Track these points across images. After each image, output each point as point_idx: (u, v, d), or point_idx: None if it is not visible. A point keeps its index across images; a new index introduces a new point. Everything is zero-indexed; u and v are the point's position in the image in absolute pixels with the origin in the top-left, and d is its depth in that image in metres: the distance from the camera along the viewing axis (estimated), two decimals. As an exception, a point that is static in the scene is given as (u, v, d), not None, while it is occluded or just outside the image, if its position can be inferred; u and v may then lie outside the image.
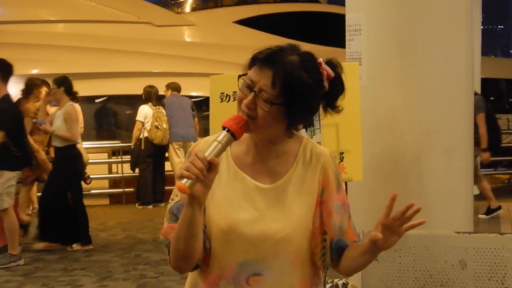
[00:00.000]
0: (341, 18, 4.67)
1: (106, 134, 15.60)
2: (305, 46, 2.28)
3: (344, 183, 2.33)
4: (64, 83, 8.84)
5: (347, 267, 2.30)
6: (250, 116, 2.10)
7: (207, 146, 2.11)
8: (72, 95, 8.91)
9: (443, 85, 4.39)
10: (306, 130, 4.02)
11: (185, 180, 1.96)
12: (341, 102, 2.26)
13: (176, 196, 2.22)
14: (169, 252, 2.19)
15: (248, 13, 18.23)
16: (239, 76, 2.15)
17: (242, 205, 2.19)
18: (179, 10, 19.02)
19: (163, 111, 11.35)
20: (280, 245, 2.18)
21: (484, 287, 3.71)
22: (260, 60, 2.12)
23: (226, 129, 2.06)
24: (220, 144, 2.04)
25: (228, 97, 4.35)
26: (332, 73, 2.18)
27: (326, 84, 2.16)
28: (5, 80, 8.08)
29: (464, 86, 4.47)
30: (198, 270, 2.28)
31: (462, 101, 4.45)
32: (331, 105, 2.23)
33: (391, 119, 4.35)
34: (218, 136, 2.07)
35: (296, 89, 2.08)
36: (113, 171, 12.99)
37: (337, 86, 2.21)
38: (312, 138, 4.02)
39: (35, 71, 15.10)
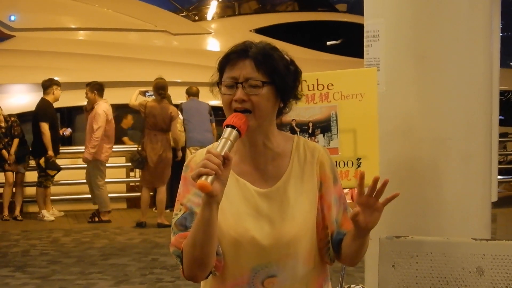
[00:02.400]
0: (360, 28, 4.63)
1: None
2: (324, 56, 2.37)
3: (339, 175, 2.38)
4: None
5: (346, 255, 2.32)
6: (246, 110, 2.13)
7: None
8: None
9: (460, 92, 4.36)
10: (324, 136, 4.01)
11: (204, 177, 1.94)
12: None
13: (180, 211, 2.22)
14: (181, 262, 2.17)
15: (266, 22, 18.24)
16: (217, 84, 2.25)
17: (249, 212, 2.21)
18: (197, 18, 19.05)
19: (180, 116, 11.34)
20: (291, 246, 2.20)
21: (502, 294, 3.67)
22: (235, 55, 2.20)
23: (230, 126, 2.07)
24: (229, 141, 2.05)
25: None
26: (287, 58, 2.27)
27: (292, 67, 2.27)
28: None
29: (482, 94, 4.43)
30: (210, 280, 2.28)
31: (479, 108, 4.41)
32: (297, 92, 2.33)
33: (408, 125, 4.33)
34: (224, 134, 2.07)
35: (276, 66, 2.17)
36: (130, 175, 12.99)
37: (299, 74, 2.32)
38: (329, 144, 4.02)
39: (56, 79, 15.18)
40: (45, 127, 10.83)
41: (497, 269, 3.71)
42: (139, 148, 10.63)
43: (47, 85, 11.17)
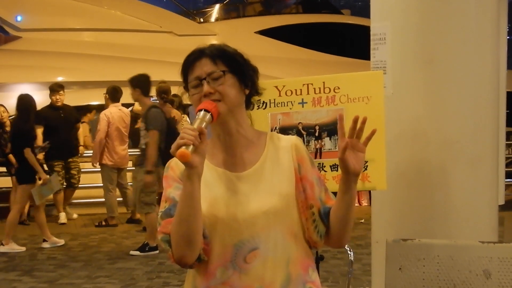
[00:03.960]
0: (364, 30, 4.65)
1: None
2: (327, 57, 2.46)
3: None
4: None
5: (335, 226, 2.41)
6: (216, 99, 2.28)
7: (178, 167, 2.33)
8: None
9: (467, 95, 4.36)
10: (330, 139, 4.03)
11: (185, 147, 2.07)
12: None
13: (165, 204, 2.31)
14: (170, 246, 2.23)
15: (270, 23, 18.25)
16: (184, 88, 2.42)
17: (228, 194, 2.31)
18: (201, 20, 19.07)
19: (188, 119, 11.35)
20: (270, 217, 2.29)
21: (509, 297, 3.68)
22: (193, 57, 2.40)
23: (203, 110, 2.21)
24: (204, 121, 2.18)
25: (264, 104, 4.33)
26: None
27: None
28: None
29: (490, 98, 4.44)
30: (195, 269, 2.35)
31: (487, 111, 4.42)
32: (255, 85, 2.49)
33: (415, 128, 4.34)
34: (197, 116, 2.20)
35: (233, 57, 2.39)
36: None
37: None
38: (335, 147, 4.04)
39: (60, 79, 15.22)
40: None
41: (505, 272, 3.72)
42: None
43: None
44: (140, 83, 8.83)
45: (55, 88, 11.05)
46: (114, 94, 10.94)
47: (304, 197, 2.37)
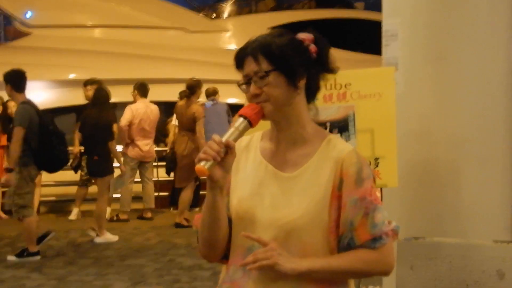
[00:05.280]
0: (377, 25, 4.62)
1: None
2: (340, 53, 2.37)
3: (371, 178, 2.22)
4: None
5: None
6: (264, 100, 2.18)
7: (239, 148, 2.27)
8: None
9: (479, 93, 4.34)
10: (341, 136, 4.01)
11: (203, 162, 2.05)
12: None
13: None
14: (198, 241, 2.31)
15: (283, 19, 18.22)
16: (239, 86, 2.27)
17: (260, 192, 2.24)
18: (214, 15, 19.08)
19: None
20: (287, 231, 2.17)
21: (522, 298, 3.65)
22: (239, 55, 2.27)
23: (242, 116, 2.16)
24: (237, 131, 2.15)
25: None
26: (310, 36, 2.28)
27: (312, 46, 2.26)
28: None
29: (502, 95, 4.41)
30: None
31: (499, 110, 4.39)
32: (324, 66, 2.29)
33: (426, 126, 4.32)
34: (235, 123, 2.17)
35: (276, 52, 2.19)
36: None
37: (322, 46, 2.28)
38: (346, 144, 4.01)
39: (72, 76, 15.27)
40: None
41: (518, 272, 3.69)
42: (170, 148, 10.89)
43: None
44: (12, 78, 8.60)
45: (88, 84, 11.15)
46: (142, 89, 11.08)
47: (337, 216, 2.17)
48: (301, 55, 2.21)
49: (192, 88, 10.66)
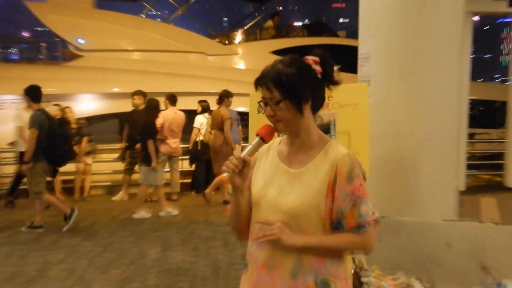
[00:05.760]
0: (354, 49, 4.62)
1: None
2: None
3: (361, 177, 2.19)
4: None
5: None
6: (276, 120, 2.21)
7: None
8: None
9: (437, 102, 4.34)
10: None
11: (225, 174, 2.18)
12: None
13: None
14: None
15: (282, 45, 18.22)
16: (258, 103, 2.30)
17: (272, 183, 2.27)
18: (226, 42, 19.08)
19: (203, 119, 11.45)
20: (290, 215, 2.18)
21: (465, 266, 3.66)
22: (256, 84, 2.24)
23: (257, 136, 2.25)
24: (253, 147, 2.25)
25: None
26: (317, 59, 2.22)
27: (317, 67, 2.22)
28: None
29: (454, 105, 4.41)
30: None
31: (452, 117, 4.40)
32: (329, 80, 2.26)
33: (394, 128, 4.31)
34: (252, 141, 2.26)
35: (285, 83, 2.15)
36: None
37: (326, 65, 2.24)
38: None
39: (115, 90, 15.31)
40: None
41: (462, 244, 3.70)
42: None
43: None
44: (30, 92, 8.65)
45: (135, 95, 11.18)
46: (171, 100, 11.07)
47: (331, 205, 2.15)
48: (308, 80, 2.19)
49: (221, 98, 10.81)
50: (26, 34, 66.31)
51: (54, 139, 8.46)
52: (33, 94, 8.59)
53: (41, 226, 8.66)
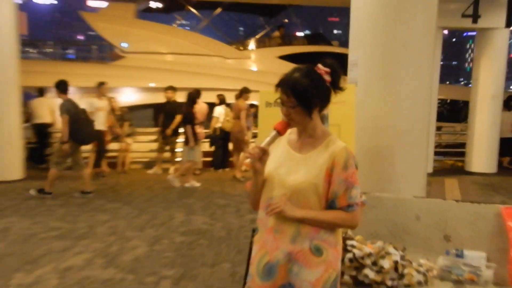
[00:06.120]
0: (345, 56, 4.58)
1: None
2: None
3: (354, 166, 2.21)
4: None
5: None
6: (290, 119, 2.22)
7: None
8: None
9: (411, 100, 4.31)
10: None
11: (248, 160, 2.22)
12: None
13: None
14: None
15: (287, 51, 18.21)
16: (276, 100, 2.30)
17: (282, 164, 2.26)
18: (241, 48, 19.03)
19: (231, 111, 11.37)
20: (292, 190, 2.19)
21: (431, 234, 3.64)
22: (278, 85, 2.22)
23: (275, 130, 2.25)
24: (271, 139, 2.24)
25: (270, 104, 4.32)
26: (327, 69, 2.20)
27: (327, 77, 2.20)
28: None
29: (425, 102, 4.38)
30: None
31: (423, 112, 4.36)
32: (336, 87, 2.23)
33: (375, 122, 4.28)
34: (270, 133, 2.24)
35: (302, 94, 2.15)
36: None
37: (335, 75, 2.22)
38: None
39: (151, 85, 15.33)
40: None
41: (429, 217, 3.68)
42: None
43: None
44: (59, 85, 8.58)
45: (167, 89, 11.14)
46: (197, 93, 10.95)
47: (327, 188, 2.16)
48: (318, 91, 2.18)
49: (240, 92, 10.79)
50: (80, 37, 66.31)
51: (79, 123, 8.44)
52: (61, 86, 8.53)
53: (50, 192, 8.57)
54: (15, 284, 4.66)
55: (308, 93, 2.15)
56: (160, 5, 19.40)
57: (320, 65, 2.21)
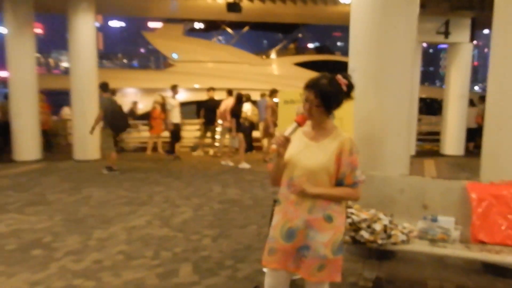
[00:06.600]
0: (346, 64, 4.51)
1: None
2: None
3: (357, 152, 2.21)
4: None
5: None
6: (310, 114, 2.18)
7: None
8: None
9: (398, 99, 4.22)
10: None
11: (274, 145, 2.17)
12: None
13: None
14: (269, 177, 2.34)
15: (300, 59, 18.05)
16: (301, 95, 2.27)
17: (300, 150, 2.22)
18: (265, 57, 18.93)
19: (256, 107, 11.34)
20: (309, 172, 2.17)
21: (412, 204, 3.59)
22: (307, 85, 2.17)
23: (295, 122, 2.18)
24: (293, 129, 2.18)
25: (288, 102, 4.28)
26: (346, 81, 2.17)
27: (344, 87, 2.16)
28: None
29: (407, 98, 4.29)
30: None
31: (407, 107, 4.27)
32: (348, 96, 2.20)
33: (369, 116, 4.21)
34: (292, 125, 2.18)
35: (326, 98, 2.13)
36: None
37: (350, 87, 2.18)
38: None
39: (196, 86, 15.38)
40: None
41: (411, 191, 3.62)
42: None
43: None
44: (101, 86, 8.57)
45: (209, 89, 11.08)
46: (229, 93, 10.86)
47: (337, 169, 2.15)
48: (338, 97, 2.16)
49: (271, 93, 10.64)
50: (142, 51, 66.76)
51: (115, 117, 8.43)
52: (103, 87, 8.56)
53: (116, 169, 8.58)
54: (95, 238, 4.77)
55: (330, 98, 2.14)
56: (202, 25, 19.40)
57: (340, 76, 2.17)
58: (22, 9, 9.78)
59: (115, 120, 8.40)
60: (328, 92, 2.12)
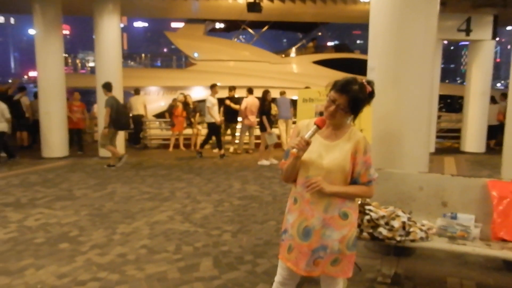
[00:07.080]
0: (365, 62, 4.46)
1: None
2: (345, 76, 2.21)
3: (370, 151, 2.17)
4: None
5: None
6: (332, 116, 2.13)
7: (303, 126, 2.23)
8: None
9: (416, 96, 4.16)
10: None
11: (295, 150, 2.10)
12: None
13: (287, 149, 2.24)
14: (281, 174, 2.28)
15: (320, 57, 17.94)
16: (327, 95, 2.17)
17: (316, 151, 2.18)
18: (284, 55, 18.86)
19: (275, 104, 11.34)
20: (326, 171, 2.14)
21: (431, 201, 3.54)
22: (340, 87, 2.10)
23: (315, 124, 2.11)
24: (312, 132, 2.11)
25: (306, 100, 4.27)
26: (370, 88, 2.13)
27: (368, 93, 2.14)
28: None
29: (427, 98, 4.21)
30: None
31: (427, 104, 4.20)
32: (369, 102, 2.16)
33: (387, 114, 4.16)
34: (312, 128, 2.12)
35: (356, 104, 2.10)
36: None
37: (372, 93, 2.15)
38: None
39: (218, 84, 15.46)
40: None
41: (430, 188, 3.57)
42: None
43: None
44: (105, 86, 8.64)
45: (231, 89, 11.11)
46: (250, 91, 10.81)
47: (352, 168, 2.14)
48: (364, 103, 2.12)
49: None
50: (165, 50, 67.47)
51: (119, 115, 8.54)
52: (107, 86, 8.66)
53: (114, 165, 8.68)
54: (119, 232, 4.86)
55: (360, 106, 2.11)
56: (222, 25, 19.47)
57: (365, 82, 2.13)
58: (50, 11, 10.01)
59: (119, 118, 8.56)
60: (359, 99, 2.09)
